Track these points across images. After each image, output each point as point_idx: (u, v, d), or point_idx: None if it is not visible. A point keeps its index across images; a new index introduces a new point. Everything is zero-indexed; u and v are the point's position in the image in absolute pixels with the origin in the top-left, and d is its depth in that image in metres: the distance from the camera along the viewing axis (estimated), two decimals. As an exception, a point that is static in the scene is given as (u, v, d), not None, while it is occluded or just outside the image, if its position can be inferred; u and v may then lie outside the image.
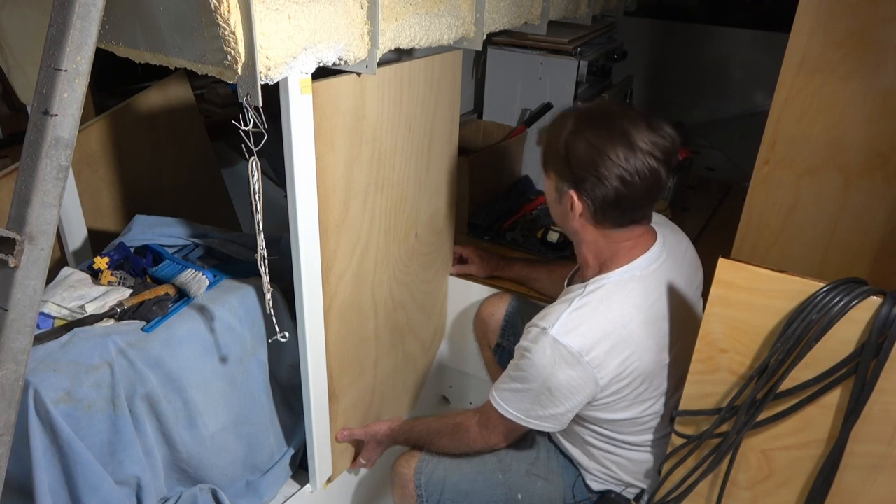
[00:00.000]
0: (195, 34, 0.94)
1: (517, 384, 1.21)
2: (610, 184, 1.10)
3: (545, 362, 1.15)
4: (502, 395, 1.25)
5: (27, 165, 0.79)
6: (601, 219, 1.16)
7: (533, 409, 1.21)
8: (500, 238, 2.01)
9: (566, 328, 1.14)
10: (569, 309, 1.15)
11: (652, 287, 1.19)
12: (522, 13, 1.61)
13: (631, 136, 1.09)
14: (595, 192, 1.12)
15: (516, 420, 1.23)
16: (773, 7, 2.83)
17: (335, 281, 1.34)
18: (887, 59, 1.18)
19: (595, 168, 1.10)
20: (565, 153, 1.13)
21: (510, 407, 1.23)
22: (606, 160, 1.09)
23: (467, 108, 2.43)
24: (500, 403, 1.25)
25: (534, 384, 1.18)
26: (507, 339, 1.66)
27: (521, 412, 1.23)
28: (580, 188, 1.13)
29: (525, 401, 1.21)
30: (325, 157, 1.20)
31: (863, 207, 1.29)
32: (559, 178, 1.17)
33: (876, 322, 0.94)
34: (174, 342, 1.25)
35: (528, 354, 1.17)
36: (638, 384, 1.19)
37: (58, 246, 1.72)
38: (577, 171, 1.12)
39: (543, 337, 1.15)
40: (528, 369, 1.18)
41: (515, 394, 1.22)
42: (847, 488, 1.06)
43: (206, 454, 1.34)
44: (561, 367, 1.14)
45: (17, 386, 0.85)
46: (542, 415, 1.21)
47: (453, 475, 1.37)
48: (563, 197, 1.17)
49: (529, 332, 1.19)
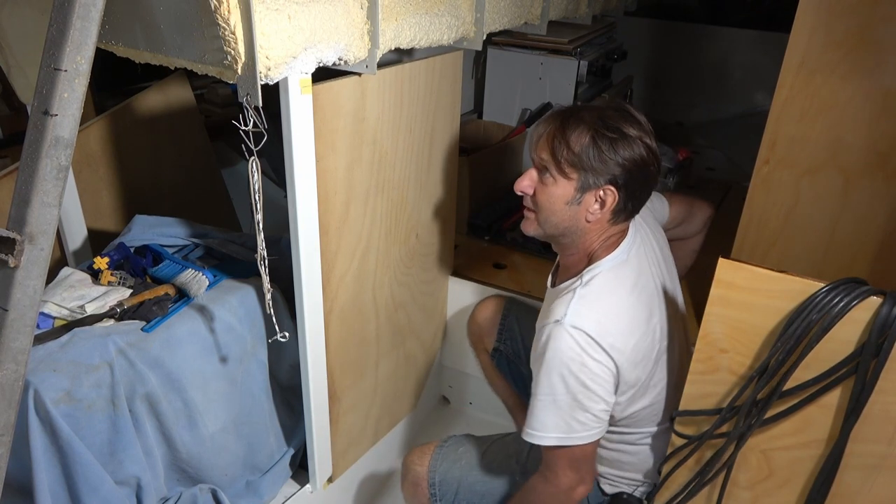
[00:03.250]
0: (195, 34, 0.94)
1: (547, 399, 1.13)
2: (647, 171, 1.12)
3: (570, 354, 1.10)
4: (537, 423, 1.15)
5: (27, 165, 0.79)
6: (621, 212, 1.16)
7: (574, 419, 1.13)
8: (500, 238, 2.01)
9: (579, 315, 1.11)
10: (574, 297, 1.13)
11: (637, 268, 1.19)
12: (522, 13, 1.61)
13: (643, 124, 1.13)
14: (632, 183, 1.12)
15: (563, 441, 1.14)
16: (773, 7, 2.83)
17: (336, 282, 1.34)
18: (887, 59, 1.18)
19: (637, 159, 1.11)
20: (606, 148, 1.11)
21: (550, 432, 1.14)
22: (642, 148, 1.11)
23: (467, 108, 2.43)
24: (537, 434, 1.16)
25: (565, 386, 1.11)
26: (504, 342, 1.65)
27: (563, 430, 1.14)
28: (618, 181, 1.12)
29: (563, 413, 1.13)
30: (326, 159, 1.20)
31: (863, 207, 1.29)
32: (590, 175, 1.13)
33: (876, 322, 0.94)
34: (174, 342, 1.25)
35: (549, 354, 1.11)
36: (651, 365, 1.18)
37: (58, 246, 1.72)
38: (620, 165, 1.11)
39: (559, 329, 1.10)
40: (553, 372, 1.11)
41: (549, 412, 1.13)
42: (847, 488, 1.06)
43: (206, 454, 1.34)
44: (587, 354, 1.10)
45: (17, 386, 0.85)
46: (585, 420, 1.13)
47: (469, 476, 1.36)
48: (586, 196, 1.14)
49: (542, 333, 1.15)
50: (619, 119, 1.13)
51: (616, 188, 1.13)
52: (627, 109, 1.16)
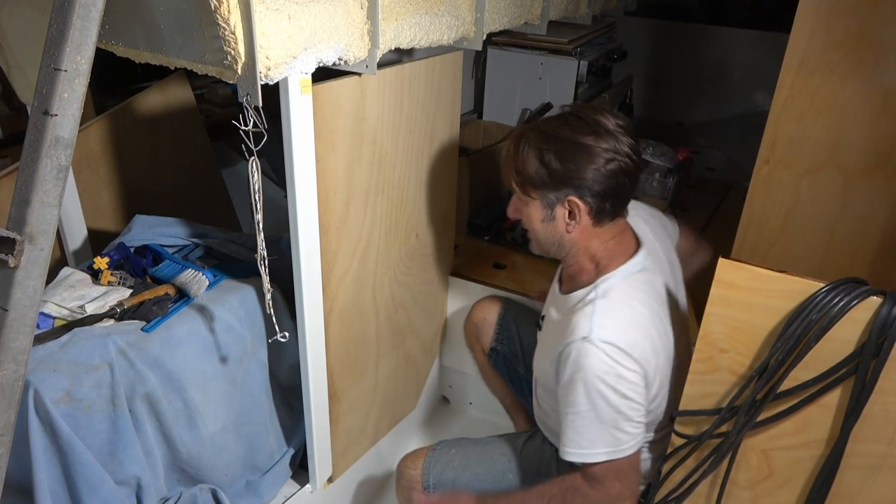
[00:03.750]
0: (195, 34, 0.94)
1: (589, 416, 1.10)
2: (607, 170, 1.11)
3: (604, 367, 1.08)
4: (584, 441, 1.12)
5: (27, 165, 0.79)
6: (601, 215, 1.15)
7: (619, 431, 1.11)
8: (500, 238, 2.01)
9: (605, 328, 1.09)
10: (595, 311, 1.12)
11: (650, 276, 1.19)
12: (522, 13, 1.61)
13: (602, 123, 1.12)
14: (595, 186, 1.12)
15: (612, 455, 1.11)
16: (773, 7, 2.83)
17: (336, 283, 1.34)
18: (887, 59, 1.18)
19: (591, 162, 1.11)
20: (555, 161, 1.12)
21: (598, 447, 1.11)
22: (596, 150, 1.10)
23: (467, 108, 2.43)
24: (586, 452, 1.12)
25: (605, 401, 1.09)
26: (502, 342, 1.65)
27: (610, 444, 1.11)
28: (580, 189, 1.13)
29: (608, 427, 1.10)
30: (326, 159, 1.20)
31: (863, 207, 1.29)
32: (548, 192, 1.15)
33: (876, 322, 0.94)
34: (174, 342, 1.25)
35: (582, 372, 1.09)
36: (669, 375, 1.18)
37: (58, 246, 1.72)
38: (573, 172, 1.11)
39: (587, 345, 1.08)
40: (591, 389, 1.09)
41: (594, 428, 1.11)
42: (847, 488, 1.06)
43: (206, 454, 1.34)
44: (621, 364, 1.08)
45: (17, 386, 0.85)
46: (629, 430, 1.11)
47: (463, 476, 1.36)
48: (556, 210, 1.16)
49: (569, 352, 1.11)
50: (568, 128, 1.12)
51: (579, 197, 1.13)
52: (584, 113, 1.14)
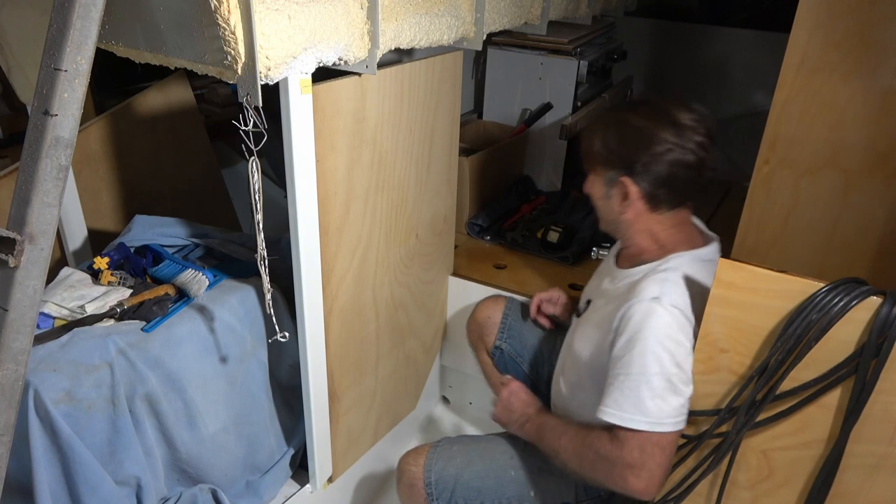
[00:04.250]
0: (195, 34, 0.94)
1: (639, 379, 1.08)
2: (663, 160, 1.13)
3: (667, 330, 1.07)
4: (627, 405, 1.08)
5: (27, 165, 0.79)
6: (655, 201, 1.18)
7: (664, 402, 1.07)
8: (500, 238, 2.01)
9: (675, 294, 1.10)
10: (667, 278, 1.13)
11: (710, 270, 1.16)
12: (522, 13, 1.61)
13: (673, 115, 1.15)
14: (648, 172, 1.15)
15: (651, 428, 1.07)
16: (773, 7, 2.82)
17: (336, 283, 1.34)
18: (887, 59, 1.18)
19: (647, 148, 1.14)
20: (615, 141, 1.17)
21: (639, 416, 1.07)
22: (656, 138, 1.13)
23: (467, 108, 2.43)
24: (622, 416, 1.08)
25: (659, 365, 1.07)
26: (506, 341, 1.65)
27: (653, 415, 1.07)
28: (633, 171, 1.16)
29: (654, 397, 1.07)
30: (326, 159, 1.20)
31: (863, 207, 1.29)
32: (608, 169, 1.19)
33: (876, 322, 0.94)
34: (174, 342, 1.25)
35: (645, 332, 1.07)
36: None
37: (58, 246, 1.72)
38: (629, 155, 1.16)
39: (656, 305, 1.08)
40: (647, 350, 1.07)
41: (641, 391, 1.07)
42: (847, 488, 1.06)
43: (206, 454, 1.34)
44: (683, 332, 1.09)
45: (17, 386, 0.85)
46: (675, 405, 1.08)
47: (465, 473, 1.36)
48: (613, 189, 1.20)
49: (632, 314, 1.10)
50: (636, 114, 1.17)
51: (631, 178, 1.16)
52: (657, 102, 1.18)
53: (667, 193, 1.17)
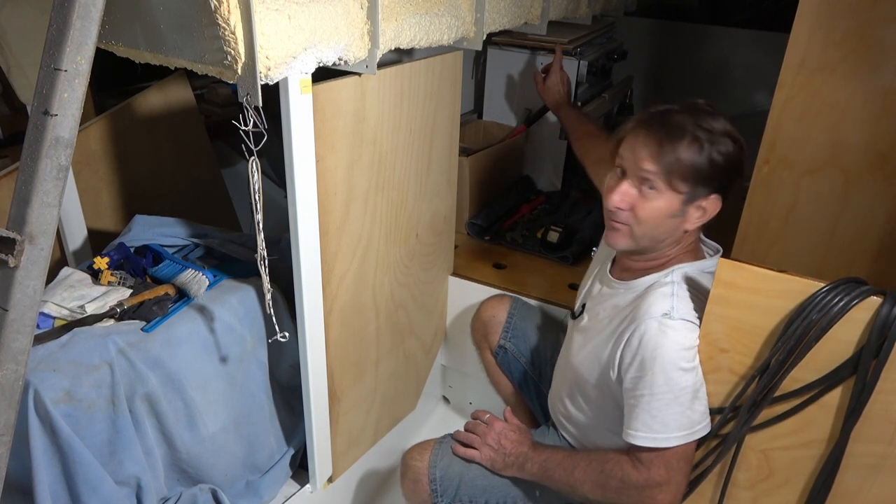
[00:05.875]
0: (195, 34, 0.94)
1: (667, 397, 1.07)
2: (742, 168, 1.11)
3: (686, 343, 1.07)
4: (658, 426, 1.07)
5: (27, 165, 0.79)
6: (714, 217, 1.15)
7: (694, 412, 1.08)
8: (500, 238, 2.01)
9: (683, 308, 1.09)
10: (674, 292, 1.11)
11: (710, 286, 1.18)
12: (522, 13, 1.61)
13: (719, 117, 1.11)
14: (732, 185, 1.12)
15: (686, 439, 1.08)
16: (773, 7, 2.82)
17: (336, 283, 1.34)
18: (887, 59, 1.18)
19: (740, 165, 1.10)
20: (721, 160, 1.07)
21: (673, 431, 1.07)
22: (743, 154, 1.10)
23: (467, 108, 2.43)
24: (660, 437, 1.07)
25: (684, 379, 1.07)
26: (510, 340, 1.65)
27: (685, 427, 1.07)
28: (726, 191, 1.11)
29: (684, 409, 1.07)
30: (325, 159, 1.20)
31: (863, 207, 1.29)
32: (700, 187, 1.09)
33: (876, 322, 0.94)
34: (174, 342, 1.25)
35: (661, 350, 1.06)
36: None
37: (58, 246, 1.72)
38: (731, 174, 1.09)
39: (668, 322, 1.07)
40: (669, 367, 1.06)
41: (671, 409, 1.07)
42: (847, 488, 1.06)
43: (206, 454, 1.34)
44: (696, 343, 1.09)
45: (17, 386, 0.85)
46: (702, 411, 1.09)
47: (470, 470, 1.35)
48: (691, 205, 1.10)
49: (644, 332, 1.08)
50: (709, 118, 1.10)
51: (721, 196, 1.11)
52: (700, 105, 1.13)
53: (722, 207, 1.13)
